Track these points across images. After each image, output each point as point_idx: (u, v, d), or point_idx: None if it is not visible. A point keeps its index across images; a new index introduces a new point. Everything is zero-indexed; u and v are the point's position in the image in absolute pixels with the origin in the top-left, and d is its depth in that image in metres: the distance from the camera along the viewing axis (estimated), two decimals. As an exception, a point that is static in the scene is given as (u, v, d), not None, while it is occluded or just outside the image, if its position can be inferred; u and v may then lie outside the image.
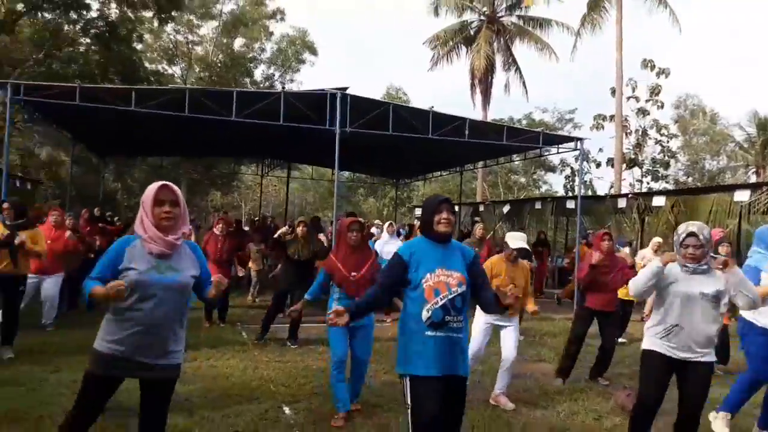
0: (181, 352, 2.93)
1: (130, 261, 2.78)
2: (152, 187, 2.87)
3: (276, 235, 7.75)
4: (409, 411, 3.01)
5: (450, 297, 3.08)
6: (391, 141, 12.55)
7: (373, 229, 13.01)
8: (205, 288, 3.02)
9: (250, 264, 11.18)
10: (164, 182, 2.89)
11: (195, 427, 4.17)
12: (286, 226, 8.74)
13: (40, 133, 23.13)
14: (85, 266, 9.94)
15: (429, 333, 3.05)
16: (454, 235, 3.32)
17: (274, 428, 4.29)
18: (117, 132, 13.21)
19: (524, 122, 35.90)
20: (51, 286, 7.43)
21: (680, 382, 3.67)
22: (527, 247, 5.23)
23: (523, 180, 39.79)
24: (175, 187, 2.90)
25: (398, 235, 11.24)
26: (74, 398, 4.57)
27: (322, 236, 9.57)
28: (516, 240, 5.22)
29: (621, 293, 6.23)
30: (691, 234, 3.56)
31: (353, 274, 4.70)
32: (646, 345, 3.74)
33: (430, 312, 3.06)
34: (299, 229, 7.43)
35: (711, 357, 3.67)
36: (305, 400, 5.02)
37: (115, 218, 16.16)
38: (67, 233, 7.68)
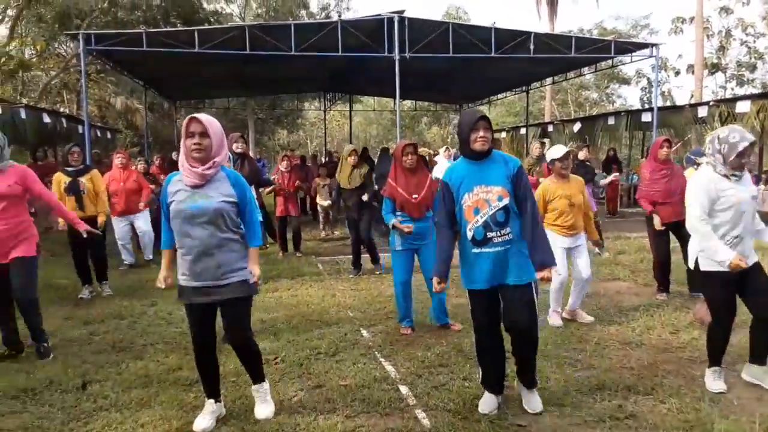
0: (240, 271, 3.07)
1: (173, 194, 3.00)
2: (185, 122, 2.99)
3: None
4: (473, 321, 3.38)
5: (491, 213, 3.15)
6: (452, 64, 12.20)
7: (438, 157, 12.89)
8: (250, 211, 3.13)
9: (318, 199, 11.40)
10: (194, 115, 2.97)
11: (281, 350, 4.45)
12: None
13: (113, 82, 24.03)
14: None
15: (475, 250, 3.22)
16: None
17: (353, 349, 4.50)
18: (184, 75, 13.53)
19: (595, 32, 33.70)
20: (142, 223, 7.93)
21: (743, 288, 3.54)
22: (567, 149, 4.99)
23: (595, 96, 37.80)
24: (206, 119, 2.95)
25: (455, 159, 11.09)
26: (170, 329, 5.03)
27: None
28: (559, 150, 5.01)
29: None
30: (753, 143, 3.41)
31: (414, 196, 4.80)
32: (704, 267, 3.58)
33: (472, 231, 3.18)
34: (350, 159, 7.46)
35: (755, 255, 3.61)
36: (381, 323, 5.22)
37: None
38: (135, 174, 8.01)
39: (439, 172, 9.45)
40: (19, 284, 4.12)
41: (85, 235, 4.65)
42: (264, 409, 3.29)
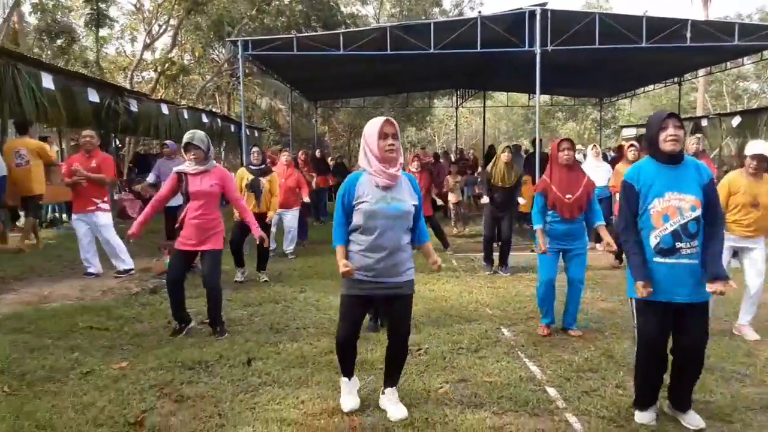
0: (412, 270, 3.25)
1: (362, 195, 3.09)
2: (376, 123, 3.10)
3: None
4: (636, 331, 3.15)
5: (682, 222, 2.94)
6: (595, 56, 11.61)
7: (587, 156, 12.34)
8: (419, 217, 3.29)
9: (449, 196, 11.42)
10: (386, 117, 3.10)
11: (424, 342, 4.55)
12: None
13: (259, 84, 25.84)
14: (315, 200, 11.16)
15: (657, 259, 2.99)
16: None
17: (495, 347, 4.48)
18: (325, 76, 14.19)
19: (756, 17, 30.33)
20: (290, 219, 8.48)
21: None
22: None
23: (755, 87, 34.05)
24: (395, 121, 3.13)
25: (604, 158, 10.52)
26: (319, 315, 5.33)
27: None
28: (756, 147, 4.54)
29: None
30: None
31: (568, 196, 4.61)
32: None
33: (658, 238, 2.97)
34: (504, 155, 7.31)
35: None
36: (521, 323, 5.14)
37: (329, 158, 17.69)
38: (297, 173, 8.62)
39: (587, 170, 9.02)
40: (207, 274, 4.61)
41: (258, 242, 5.03)
42: (399, 411, 3.25)
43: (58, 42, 19.79)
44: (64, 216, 10.31)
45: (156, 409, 3.24)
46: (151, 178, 8.57)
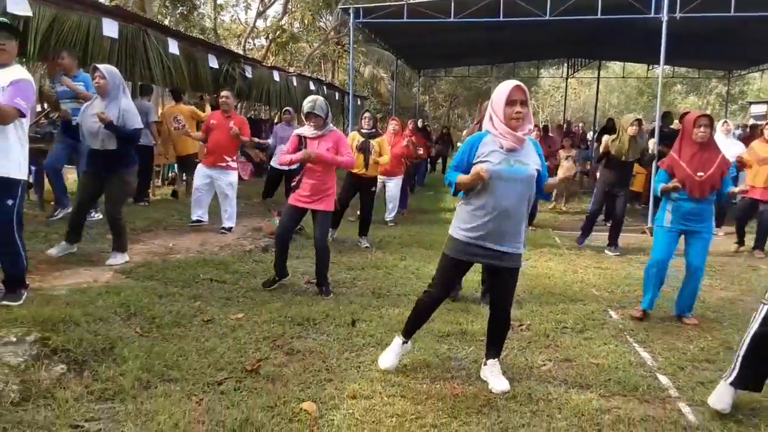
0: (521, 244, 3.17)
1: (484, 154, 3.05)
2: (504, 88, 3.01)
3: None
4: (755, 321, 2.98)
5: None
6: (728, 24, 10.58)
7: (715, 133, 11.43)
8: (540, 183, 3.20)
9: (559, 171, 11.00)
10: (517, 83, 3.01)
11: (526, 318, 4.49)
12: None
13: (363, 53, 26.05)
14: (412, 170, 11.21)
15: None
16: None
17: (602, 329, 4.34)
18: (431, 45, 14.02)
19: None
20: (393, 187, 8.57)
21: None
22: None
23: None
24: (525, 88, 3.04)
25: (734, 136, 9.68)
26: (419, 283, 5.39)
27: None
28: None
29: None
30: None
31: (699, 174, 4.29)
32: None
33: None
34: (632, 128, 6.90)
35: None
36: (630, 307, 4.93)
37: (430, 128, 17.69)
38: (404, 140, 8.67)
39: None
40: (319, 235, 4.85)
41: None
42: (501, 383, 3.24)
43: (180, 9, 20.93)
44: (184, 175, 11.04)
45: (270, 359, 3.44)
46: (271, 141, 9.00)
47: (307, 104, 4.71)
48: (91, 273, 4.61)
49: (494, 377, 3.28)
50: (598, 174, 7.51)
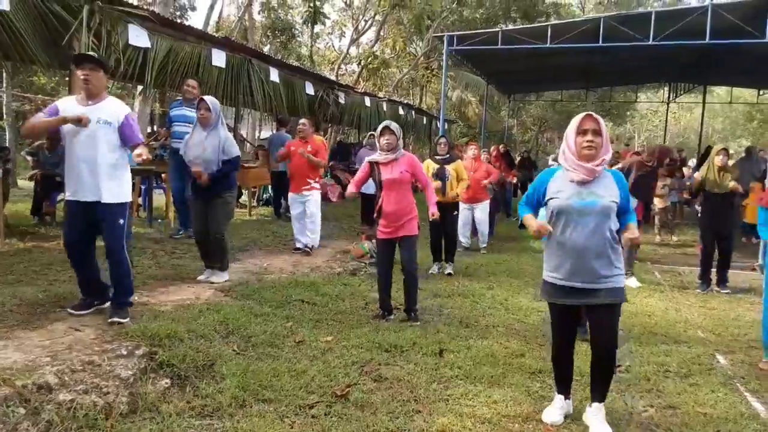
0: (617, 277, 2.98)
1: (555, 190, 2.99)
2: (576, 118, 2.95)
3: None
4: None
5: None
6: None
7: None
8: (625, 215, 3.04)
9: (656, 200, 10.47)
10: (589, 112, 2.93)
11: (624, 359, 4.24)
12: None
13: (452, 77, 26.18)
14: (500, 197, 11.05)
15: None
16: None
17: (709, 375, 4.03)
18: (524, 70, 13.85)
19: None
20: (480, 213, 8.47)
21: None
22: None
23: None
24: (599, 117, 2.94)
25: None
26: (508, 315, 5.26)
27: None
28: None
29: None
30: None
31: None
32: None
33: None
34: (718, 158, 6.47)
35: None
36: (741, 352, 4.55)
37: (515, 153, 17.34)
38: (485, 165, 8.57)
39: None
40: (407, 260, 4.85)
41: (431, 219, 5.05)
42: (604, 430, 3.06)
43: (281, 38, 22.03)
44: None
45: (358, 385, 3.47)
46: (358, 164, 9.22)
47: (382, 124, 4.79)
48: (193, 290, 4.88)
49: (597, 423, 3.09)
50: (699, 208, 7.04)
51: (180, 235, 6.91)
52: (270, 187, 11.75)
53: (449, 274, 6.83)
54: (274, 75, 9.32)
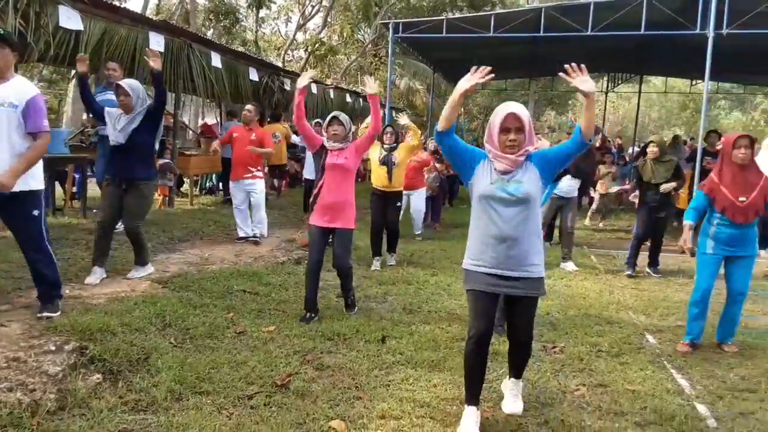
0: (538, 267, 2.92)
1: (479, 174, 2.95)
2: (500, 113, 2.87)
3: None
4: None
5: None
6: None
7: (762, 151, 11.06)
8: (567, 147, 2.99)
9: (598, 186, 10.83)
10: (512, 110, 2.85)
11: (559, 340, 4.40)
12: None
13: (400, 65, 26.18)
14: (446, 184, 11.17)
15: None
16: None
17: (638, 354, 4.22)
18: (469, 58, 13.95)
19: None
20: (417, 199, 8.51)
21: None
22: None
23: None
24: (522, 113, 2.86)
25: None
26: (450, 300, 5.35)
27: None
28: None
29: None
30: None
31: (741, 199, 4.14)
32: None
33: None
34: (650, 149, 6.76)
35: None
36: (669, 331, 4.79)
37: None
38: (424, 154, 8.58)
39: (764, 167, 8.05)
40: (339, 254, 4.71)
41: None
42: (512, 405, 3.12)
43: (224, 22, 21.47)
44: (220, 185, 11.28)
45: (300, 374, 3.46)
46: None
47: (330, 114, 4.73)
48: (129, 282, 4.74)
49: (510, 396, 3.16)
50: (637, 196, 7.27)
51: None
52: (214, 176, 11.53)
53: (391, 265, 6.79)
54: (216, 60, 9.08)
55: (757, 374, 3.90)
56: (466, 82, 2.86)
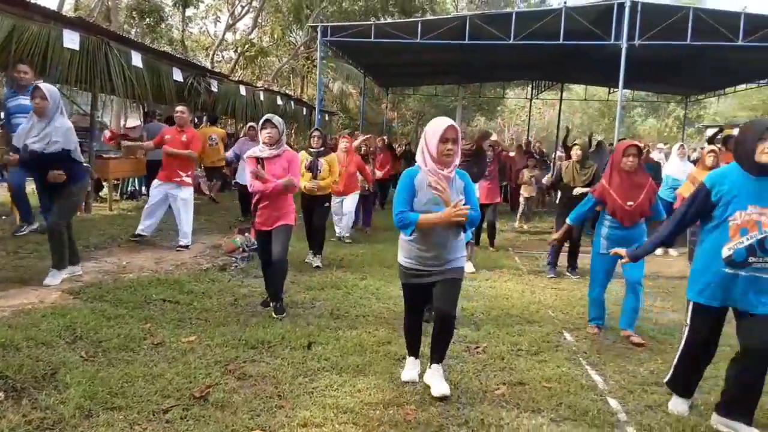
0: (461, 259, 3.44)
1: (418, 190, 3.25)
2: (439, 126, 3.16)
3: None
4: (686, 330, 3.30)
5: (759, 237, 2.87)
6: (684, 52, 10.99)
7: (654, 154, 11.78)
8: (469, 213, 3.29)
9: (522, 189, 11.20)
10: (450, 123, 3.15)
11: (482, 340, 4.50)
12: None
13: (332, 68, 26.13)
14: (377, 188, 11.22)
15: (727, 270, 2.98)
16: None
17: (556, 351, 4.37)
18: (399, 64, 14.14)
19: None
20: (348, 202, 8.51)
21: None
22: None
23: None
24: (458, 126, 3.23)
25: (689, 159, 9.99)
26: (379, 304, 5.36)
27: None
28: None
29: None
30: None
31: (629, 203, 4.49)
32: None
33: (732, 251, 2.93)
34: (573, 152, 7.07)
35: None
36: (585, 328, 4.99)
37: (395, 145, 17.70)
38: (358, 159, 8.61)
39: (672, 171, 8.60)
40: (276, 249, 4.72)
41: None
42: (441, 388, 3.42)
43: (148, 20, 20.68)
44: (143, 189, 10.86)
45: (220, 385, 3.36)
46: (230, 154, 8.96)
47: (264, 117, 4.71)
48: (37, 293, 4.47)
49: (436, 381, 3.44)
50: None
51: (23, 231, 6.28)
52: (136, 180, 11.09)
53: (317, 267, 6.76)
54: (137, 59, 8.73)
55: (665, 368, 4.10)
56: (450, 218, 3.17)
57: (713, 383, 3.66)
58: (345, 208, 8.47)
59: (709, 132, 20.27)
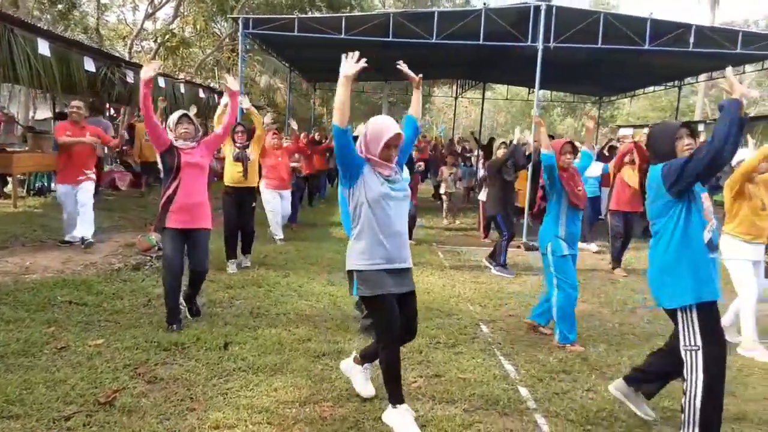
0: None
1: (369, 179, 3.07)
2: (385, 131, 3.05)
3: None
4: (699, 355, 2.85)
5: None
6: (597, 55, 11.55)
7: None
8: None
9: (442, 187, 11.43)
10: (398, 130, 3.07)
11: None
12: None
13: (259, 61, 25.59)
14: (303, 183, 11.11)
15: (712, 256, 2.99)
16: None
17: (473, 343, 4.50)
18: (325, 59, 14.01)
19: (762, 23, 30.23)
20: (287, 203, 8.35)
21: None
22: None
23: (755, 94, 33.98)
24: (402, 133, 3.17)
25: (598, 158, 10.51)
26: (300, 302, 5.32)
27: None
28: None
29: None
30: None
31: (579, 188, 4.75)
32: None
33: (711, 233, 2.98)
34: (500, 152, 7.32)
35: None
36: (501, 320, 5.17)
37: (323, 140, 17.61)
38: (288, 151, 8.50)
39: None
40: (198, 259, 4.49)
41: None
42: (368, 389, 3.45)
43: (59, 7, 19.48)
44: (52, 185, 10.25)
45: (128, 389, 3.24)
46: None
47: (178, 113, 4.51)
48: (-75, 298, 4.13)
49: (366, 381, 3.48)
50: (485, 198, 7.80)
51: None
52: (45, 175, 10.47)
53: (246, 267, 6.60)
54: (44, 48, 8.19)
55: (573, 357, 4.34)
56: (349, 70, 3.08)
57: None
58: (285, 210, 8.32)
59: (622, 131, 21.48)
